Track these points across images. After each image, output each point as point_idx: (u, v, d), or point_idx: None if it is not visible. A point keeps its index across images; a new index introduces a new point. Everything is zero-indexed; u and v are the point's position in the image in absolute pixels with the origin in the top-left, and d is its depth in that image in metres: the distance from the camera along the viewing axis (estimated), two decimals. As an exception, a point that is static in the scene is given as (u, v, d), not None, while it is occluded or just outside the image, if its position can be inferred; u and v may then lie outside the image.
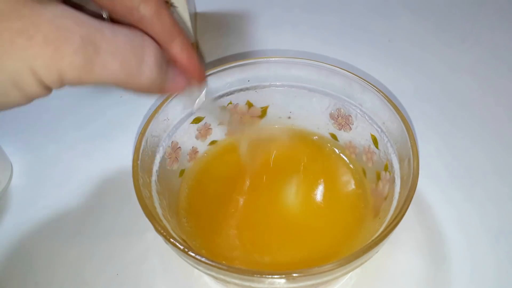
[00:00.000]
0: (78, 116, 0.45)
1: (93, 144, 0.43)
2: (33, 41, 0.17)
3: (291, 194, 0.34)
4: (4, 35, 0.16)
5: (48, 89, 0.18)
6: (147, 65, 0.20)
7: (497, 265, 0.33)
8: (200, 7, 0.57)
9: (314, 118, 0.37)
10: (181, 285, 0.33)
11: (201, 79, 0.25)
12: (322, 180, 0.35)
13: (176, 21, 0.23)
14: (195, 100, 0.27)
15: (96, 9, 0.22)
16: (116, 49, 0.18)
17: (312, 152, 0.37)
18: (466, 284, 0.32)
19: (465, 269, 0.33)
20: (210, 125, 0.36)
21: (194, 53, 0.24)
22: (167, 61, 0.22)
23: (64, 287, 0.33)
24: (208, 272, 0.23)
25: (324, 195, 0.34)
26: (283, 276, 0.22)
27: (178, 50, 0.23)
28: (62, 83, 0.18)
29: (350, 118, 0.35)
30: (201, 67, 0.25)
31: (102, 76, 0.18)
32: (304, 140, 0.38)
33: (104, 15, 0.22)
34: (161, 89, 0.22)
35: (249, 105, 0.37)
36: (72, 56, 0.17)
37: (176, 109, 0.33)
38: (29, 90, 0.18)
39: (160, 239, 0.25)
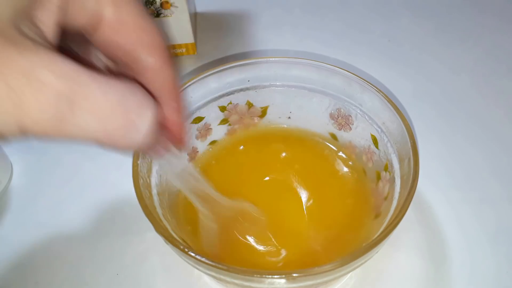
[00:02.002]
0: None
1: (94, 144, 0.43)
2: None
3: (291, 195, 0.34)
4: None
5: (4, 138, 0.16)
6: (140, 128, 0.17)
7: (497, 265, 0.33)
8: (200, 7, 0.57)
9: (314, 118, 0.37)
10: (181, 285, 0.33)
11: (183, 146, 0.23)
12: (322, 181, 0.35)
13: (178, 83, 0.21)
14: (174, 166, 0.25)
15: (101, 61, 0.21)
16: (100, 109, 0.16)
17: (312, 152, 0.37)
18: (465, 284, 0.32)
19: (464, 269, 0.33)
20: (210, 125, 0.36)
21: (185, 118, 0.22)
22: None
23: (64, 287, 0.33)
24: (208, 272, 0.23)
25: (324, 195, 0.34)
26: (283, 276, 0.22)
27: (172, 111, 0.21)
28: (22, 135, 0.16)
29: (350, 118, 0.35)
30: (185, 132, 0.23)
31: (76, 135, 0.16)
32: (304, 140, 0.37)
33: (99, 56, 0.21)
34: (143, 151, 0.20)
35: (249, 105, 0.37)
36: (38, 113, 0.15)
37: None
38: None
39: (160, 239, 0.25)
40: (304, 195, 0.34)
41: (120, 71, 0.21)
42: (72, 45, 0.21)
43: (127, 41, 0.19)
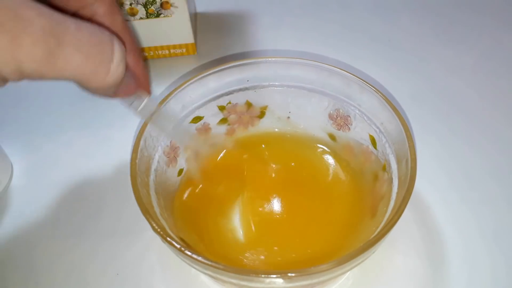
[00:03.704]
0: (78, 116, 0.46)
1: (93, 144, 0.43)
2: None
3: (289, 194, 0.34)
4: None
5: (4, 81, 0.17)
6: (115, 63, 0.19)
7: (495, 265, 0.33)
8: (200, 7, 0.57)
9: (313, 118, 0.37)
10: (181, 285, 0.33)
11: (146, 86, 0.24)
12: (320, 180, 0.35)
13: (127, 24, 0.23)
14: (138, 108, 0.26)
15: (60, 4, 0.22)
16: (82, 43, 0.18)
17: (310, 152, 0.37)
18: (464, 285, 0.32)
19: (462, 269, 0.33)
20: (209, 124, 0.36)
21: (142, 59, 0.23)
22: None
23: (64, 287, 0.33)
24: (205, 271, 0.23)
25: (322, 195, 0.34)
26: (279, 275, 0.22)
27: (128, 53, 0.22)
28: (20, 75, 0.17)
29: (349, 118, 0.35)
30: (146, 73, 0.24)
31: (65, 70, 0.18)
32: (302, 140, 0.37)
33: None
34: (116, 90, 0.21)
35: (248, 105, 0.37)
36: (31, 47, 0.16)
37: (175, 109, 0.33)
38: None
39: (159, 239, 0.25)
40: (301, 195, 0.34)
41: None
42: None
43: None
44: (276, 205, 0.34)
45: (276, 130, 0.38)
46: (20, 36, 0.16)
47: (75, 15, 0.21)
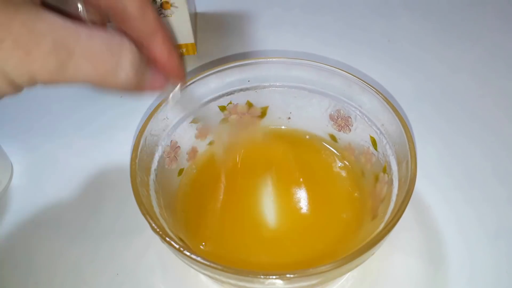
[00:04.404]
0: (78, 116, 0.46)
1: (93, 144, 0.43)
2: (3, 44, 0.17)
3: (290, 195, 0.34)
4: None
5: (19, 88, 0.19)
6: (123, 67, 0.20)
7: (496, 265, 0.33)
8: (200, 7, 0.57)
9: (314, 119, 0.37)
10: (181, 285, 0.33)
11: (180, 76, 0.25)
12: (320, 181, 0.35)
13: (160, 17, 0.23)
14: (170, 96, 0.27)
15: (75, 10, 0.22)
16: (91, 52, 0.19)
17: (311, 153, 0.37)
18: (464, 285, 0.32)
19: (463, 270, 0.33)
20: (209, 126, 0.36)
21: (175, 50, 0.24)
22: (146, 61, 0.22)
23: (64, 287, 0.33)
24: (204, 271, 0.23)
25: (323, 196, 0.34)
26: (278, 276, 0.22)
27: (159, 46, 0.23)
28: (33, 83, 0.18)
29: (350, 119, 0.35)
30: (181, 64, 0.25)
31: (76, 77, 0.19)
32: (303, 141, 0.37)
33: (80, 9, 0.22)
34: (138, 88, 0.22)
35: (249, 105, 0.37)
36: (43, 60, 0.18)
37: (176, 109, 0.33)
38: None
39: (159, 239, 0.25)
40: (302, 195, 0.34)
41: (104, 22, 0.24)
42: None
43: None
44: (277, 206, 0.34)
45: (276, 130, 0.38)
46: (33, 49, 0.17)
47: (106, 11, 0.22)
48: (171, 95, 0.26)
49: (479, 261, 0.33)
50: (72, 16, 0.22)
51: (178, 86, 0.26)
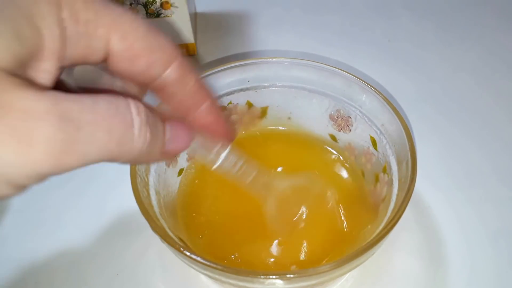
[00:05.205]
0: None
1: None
2: None
3: (290, 195, 0.34)
4: None
5: (23, 188, 0.15)
6: (137, 127, 0.17)
7: (496, 265, 0.33)
8: (200, 7, 0.57)
9: (314, 119, 0.37)
10: (181, 285, 0.33)
11: (229, 139, 0.24)
12: (320, 181, 0.35)
13: (203, 83, 0.22)
14: (215, 158, 0.25)
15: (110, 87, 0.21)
16: (101, 118, 0.16)
17: (311, 153, 0.37)
18: (464, 285, 0.32)
19: (464, 270, 0.33)
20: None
21: (221, 115, 0.23)
22: (162, 118, 0.19)
23: (64, 287, 0.33)
24: (203, 271, 0.23)
25: (323, 196, 0.34)
26: (278, 276, 0.22)
27: (204, 114, 0.22)
28: (41, 177, 0.15)
29: (350, 119, 0.35)
30: (229, 128, 0.24)
31: (90, 152, 0.16)
32: (303, 141, 0.37)
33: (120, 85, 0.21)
34: (161, 151, 0.19)
35: (249, 105, 0.37)
36: (46, 142, 0.14)
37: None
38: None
39: (159, 239, 0.25)
40: (302, 196, 0.34)
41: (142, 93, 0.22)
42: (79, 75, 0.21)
43: (141, 65, 0.19)
44: (277, 206, 0.34)
45: (276, 130, 0.38)
46: (34, 135, 0.14)
47: (145, 86, 0.21)
48: (217, 158, 0.25)
49: (479, 261, 0.33)
50: (104, 90, 0.21)
51: (227, 151, 0.25)
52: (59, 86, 0.18)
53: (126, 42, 0.18)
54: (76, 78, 0.21)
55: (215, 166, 0.25)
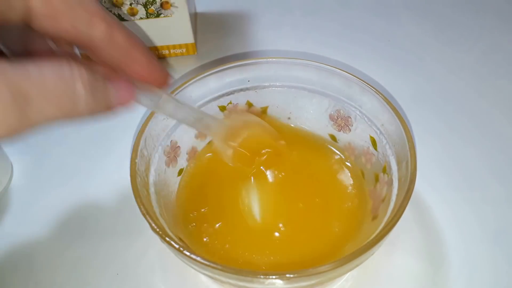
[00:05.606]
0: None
1: (93, 144, 0.43)
2: None
3: (290, 195, 0.34)
4: None
5: None
6: (78, 94, 0.18)
7: (496, 266, 0.33)
8: (200, 7, 0.57)
9: (314, 119, 0.37)
10: (181, 285, 0.33)
11: (167, 81, 0.24)
12: (320, 182, 0.35)
13: (130, 34, 0.22)
14: (154, 101, 0.25)
15: (41, 46, 0.21)
16: (48, 91, 0.17)
17: (311, 153, 0.37)
18: (464, 285, 0.32)
19: (463, 270, 0.33)
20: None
21: (154, 60, 0.23)
22: (102, 76, 0.20)
23: (64, 287, 0.33)
24: (203, 271, 0.23)
25: (322, 196, 0.34)
26: (278, 276, 0.22)
27: (138, 63, 0.22)
28: None
29: (350, 119, 0.35)
30: (164, 69, 0.24)
31: (39, 121, 0.17)
32: (303, 141, 0.37)
33: (51, 45, 0.21)
34: (107, 107, 0.20)
35: (249, 105, 0.37)
36: (2, 116, 0.16)
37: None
38: None
39: (159, 239, 0.25)
40: (302, 196, 0.34)
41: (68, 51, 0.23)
42: (6, 37, 0.22)
43: (65, 25, 0.20)
44: (276, 205, 0.34)
45: (276, 130, 0.38)
46: None
47: (74, 44, 0.21)
48: (156, 104, 0.25)
49: (478, 261, 0.33)
50: (39, 52, 0.21)
51: (162, 95, 0.25)
52: None
53: (47, 1, 0.19)
54: (5, 41, 0.22)
55: (159, 112, 0.26)
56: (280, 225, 0.32)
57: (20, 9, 0.19)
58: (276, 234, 0.32)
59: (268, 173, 0.35)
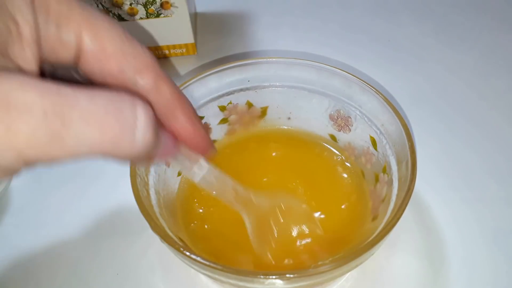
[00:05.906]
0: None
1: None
2: None
3: (290, 195, 0.34)
4: None
5: (10, 171, 0.15)
6: (140, 128, 0.17)
7: (495, 265, 0.33)
8: (200, 7, 0.57)
9: (314, 119, 0.37)
10: (181, 285, 0.33)
11: (208, 150, 0.23)
12: (320, 182, 0.35)
13: (178, 89, 0.21)
14: (195, 170, 0.25)
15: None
16: (93, 116, 0.15)
17: (311, 154, 0.37)
18: (464, 285, 0.32)
19: (463, 270, 0.33)
20: (209, 124, 0.36)
21: (199, 123, 0.22)
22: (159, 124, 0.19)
23: (64, 287, 0.33)
24: (203, 271, 0.24)
25: (323, 196, 0.34)
26: (278, 276, 0.22)
27: (180, 121, 0.21)
28: (26, 163, 0.15)
29: (350, 119, 0.35)
30: (208, 137, 0.23)
31: (79, 148, 0.15)
32: (303, 141, 0.37)
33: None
34: (150, 155, 0.19)
35: (249, 105, 0.37)
36: (30, 133, 0.14)
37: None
38: None
39: (159, 239, 0.25)
40: (302, 196, 0.34)
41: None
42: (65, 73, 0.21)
43: (113, 68, 0.19)
44: (277, 206, 0.34)
45: (276, 130, 0.38)
46: (15, 124, 0.14)
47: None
48: (196, 168, 0.24)
49: (478, 261, 0.33)
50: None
51: (205, 161, 0.24)
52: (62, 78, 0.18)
53: (98, 42, 0.18)
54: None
55: (195, 181, 0.25)
56: (280, 225, 0.32)
57: (72, 47, 0.18)
58: (276, 234, 0.32)
59: (269, 174, 0.35)
